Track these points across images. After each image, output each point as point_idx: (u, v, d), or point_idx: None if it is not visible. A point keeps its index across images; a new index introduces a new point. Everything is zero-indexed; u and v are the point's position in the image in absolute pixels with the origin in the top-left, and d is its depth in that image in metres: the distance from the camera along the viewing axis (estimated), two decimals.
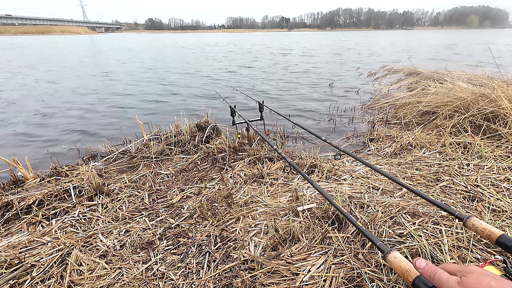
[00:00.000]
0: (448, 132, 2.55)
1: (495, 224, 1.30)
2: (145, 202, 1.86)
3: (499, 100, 2.55)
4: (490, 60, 7.47)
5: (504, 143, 2.24)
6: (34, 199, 1.82)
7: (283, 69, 9.21)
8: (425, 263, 0.54)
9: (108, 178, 2.21)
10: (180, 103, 5.05)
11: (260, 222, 1.52)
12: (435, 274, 0.51)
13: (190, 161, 2.40)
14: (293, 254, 1.25)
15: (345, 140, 3.03)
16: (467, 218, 0.73)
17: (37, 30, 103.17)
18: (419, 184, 1.76)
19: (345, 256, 1.21)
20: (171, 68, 9.76)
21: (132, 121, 3.95)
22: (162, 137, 2.79)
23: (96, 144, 3.12)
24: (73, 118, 4.25)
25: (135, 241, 1.48)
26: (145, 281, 1.23)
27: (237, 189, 1.89)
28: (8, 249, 1.42)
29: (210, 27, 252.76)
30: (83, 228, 1.60)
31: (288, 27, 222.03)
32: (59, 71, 9.29)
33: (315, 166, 2.09)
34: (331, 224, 1.41)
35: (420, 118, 3.18)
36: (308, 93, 5.61)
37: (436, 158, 2.09)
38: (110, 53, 16.69)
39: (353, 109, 4.25)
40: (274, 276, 1.17)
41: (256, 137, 2.64)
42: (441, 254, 1.13)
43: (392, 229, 1.31)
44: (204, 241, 1.44)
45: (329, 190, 1.75)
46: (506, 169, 1.83)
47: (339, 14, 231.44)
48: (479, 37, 32.78)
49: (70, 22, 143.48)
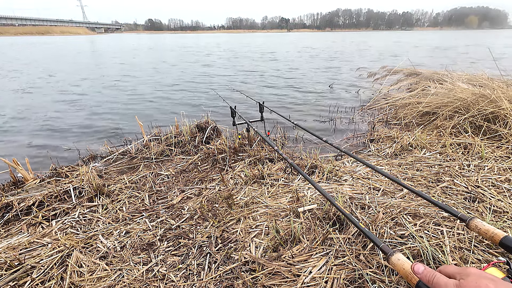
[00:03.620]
0: (449, 133, 2.55)
1: (496, 225, 1.29)
2: (146, 203, 1.86)
3: (499, 100, 2.56)
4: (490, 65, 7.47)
5: (505, 143, 2.24)
6: (34, 200, 1.82)
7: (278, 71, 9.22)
8: (423, 267, 0.54)
9: (108, 179, 2.21)
10: (180, 104, 5.05)
11: (261, 223, 1.51)
12: (433, 279, 0.50)
13: (191, 162, 2.40)
14: (294, 255, 1.25)
15: (345, 141, 3.03)
16: (470, 219, 0.73)
17: (37, 30, 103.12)
18: (420, 184, 1.76)
19: (346, 257, 1.21)
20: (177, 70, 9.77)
21: (132, 122, 3.94)
22: (162, 138, 2.79)
23: (96, 145, 3.11)
24: (73, 118, 4.24)
25: (135, 242, 1.47)
26: (145, 282, 1.22)
27: (238, 190, 1.89)
28: (8, 250, 1.41)
29: (209, 28, 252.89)
30: (83, 229, 1.60)
31: (287, 27, 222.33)
32: (59, 72, 9.28)
33: (315, 167, 2.09)
34: (332, 225, 1.41)
35: (420, 118, 3.19)
36: (308, 93, 5.61)
37: (436, 159, 2.09)
38: (113, 54, 16.69)
39: (353, 110, 4.25)
40: (275, 277, 1.16)
41: (257, 137, 2.64)
42: (442, 255, 1.13)
43: (393, 230, 1.31)
44: (204, 242, 1.44)
45: (330, 191, 1.75)
46: (507, 169, 1.83)
47: (338, 15, 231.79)
48: (478, 37, 32.82)
49: (69, 22, 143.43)
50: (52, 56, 15.16)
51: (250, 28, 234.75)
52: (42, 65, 11.18)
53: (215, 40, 39.66)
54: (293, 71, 8.84)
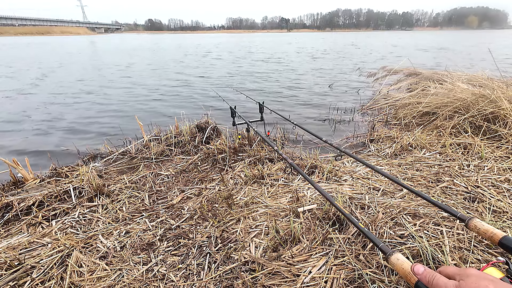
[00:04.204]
0: (448, 133, 2.56)
1: (496, 225, 1.30)
2: (145, 203, 1.86)
3: (499, 101, 2.56)
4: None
5: (504, 143, 2.24)
6: (34, 200, 1.82)
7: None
8: (423, 268, 0.54)
9: (108, 179, 2.21)
10: (180, 104, 5.05)
11: (261, 223, 1.51)
12: (433, 280, 0.51)
13: (190, 162, 2.40)
14: (294, 255, 1.25)
15: (345, 141, 3.03)
16: (470, 219, 0.73)
17: (37, 30, 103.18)
18: (420, 184, 1.76)
19: (346, 257, 1.21)
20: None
21: (132, 122, 3.95)
22: (162, 138, 2.79)
23: (96, 145, 3.11)
24: (73, 118, 4.24)
25: (135, 242, 1.47)
26: (145, 282, 1.22)
27: (238, 190, 1.89)
28: (8, 250, 1.41)
29: (209, 28, 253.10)
30: (83, 229, 1.60)
31: (287, 27, 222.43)
32: (59, 72, 9.28)
33: (315, 167, 2.09)
34: (331, 225, 1.41)
35: (420, 118, 3.19)
36: (308, 93, 5.62)
37: (436, 159, 2.09)
38: (114, 55, 16.69)
39: (353, 110, 4.25)
40: (275, 277, 1.17)
41: (257, 137, 2.64)
42: (442, 255, 1.13)
43: (393, 230, 1.31)
44: (204, 242, 1.44)
45: (330, 191, 1.75)
46: (507, 169, 1.83)
47: (338, 15, 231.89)
48: (476, 38, 32.81)
49: (70, 22, 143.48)
50: (52, 56, 15.16)
51: (250, 28, 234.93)
52: (42, 65, 11.18)
53: (216, 40, 39.66)
54: (293, 71, 8.84)
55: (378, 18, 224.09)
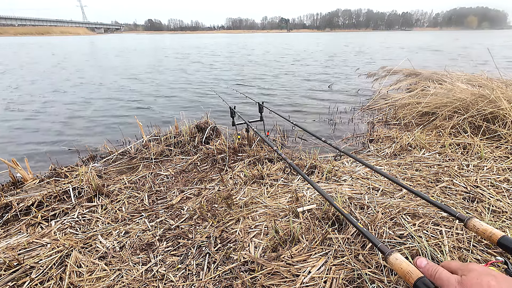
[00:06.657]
0: (448, 133, 2.56)
1: (495, 225, 1.30)
2: (145, 203, 1.86)
3: (498, 101, 2.56)
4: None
5: (504, 143, 2.24)
6: (33, 200, 1.82)
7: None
8: (426, 261, 0.54)
9: (108, 179, 2.21)
10: (180, 104, 5.05)
11: (260, 223, 1.51)
12: (436, 273, 0.50)
13: (190, 162, 2.40)
14: (293, 255, 1.25)
15: (344, 141, 3.03)
16: (468, 219, 0.73)
17: (36, 31, 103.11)
18: (419, 184, 1.76)
19: (345, 257, 1.21)
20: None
21: (131, 122, 3.94)
22: (162, 138, 2.79)
23: (95, 145, 3.11)
24: (73, 118, 4.24)
25: (134, 242, 1.47)
26: (144, 282, 1.22)
27: (237, 190, 1.89)
28: (7, 250, 1.41)
29: (209, 28, 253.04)
30: (82, 230, 1.60)
31: (287, 28, 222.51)
32: (58, 72, 9.28)
33: (315, 167, 2.09)
34: (331, 225, 1.41)
35: (419, 119, 3.19)
36: (308, 93, 5.62)
37: (435, 159, 2.09)
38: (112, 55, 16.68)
39: (352, 110, 4.25)
40: (274, 277, 1.17)
41: (256, 138, 2.64)
42: (441, 255, 1.13)
43: (392, 230, 1.31)
44: (204, 242, 1.44)
45: (329, 191, 1.75)
46: (506, 169, 1.83)
47: (338, 15, 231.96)
48: (474, 38, 32.83)
49: (69, 23, 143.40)
50: (51, 56, 15.15)
51: (250, 28, 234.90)
52: (41, 65, 11.17)
53: (217, 40, 39.66)
54: (293, 71, 8.85)
55: (378, 18, 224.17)
